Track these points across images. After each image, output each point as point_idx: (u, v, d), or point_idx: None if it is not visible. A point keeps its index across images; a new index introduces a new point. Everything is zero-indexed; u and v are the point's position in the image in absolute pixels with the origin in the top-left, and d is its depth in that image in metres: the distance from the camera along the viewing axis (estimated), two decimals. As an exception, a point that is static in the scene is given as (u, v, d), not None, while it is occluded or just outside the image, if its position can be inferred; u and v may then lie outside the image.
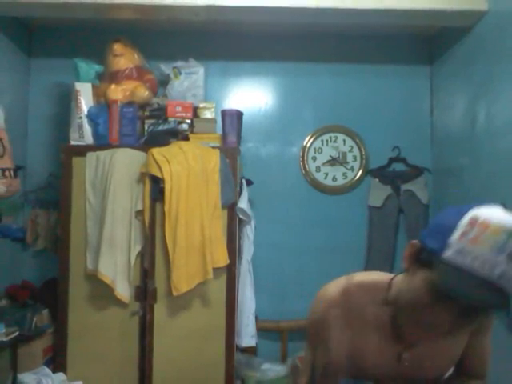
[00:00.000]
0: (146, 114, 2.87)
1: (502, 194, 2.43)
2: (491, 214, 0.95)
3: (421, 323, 1.05)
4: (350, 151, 3.36)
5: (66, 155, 2.71)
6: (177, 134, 2.77)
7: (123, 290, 2.61)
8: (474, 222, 0.94)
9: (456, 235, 0.95)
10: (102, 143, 2.73)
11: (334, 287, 1.23)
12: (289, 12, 2.69)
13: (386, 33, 3.28)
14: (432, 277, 0.98)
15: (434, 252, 0.98)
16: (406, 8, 2.63)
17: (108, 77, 2.86)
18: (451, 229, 0.96)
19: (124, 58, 2.85)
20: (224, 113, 2.84)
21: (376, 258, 3.20)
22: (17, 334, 2.51)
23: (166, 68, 3.05)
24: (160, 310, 2.65)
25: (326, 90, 3.36)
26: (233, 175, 2.70)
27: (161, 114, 2.85)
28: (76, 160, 2.69)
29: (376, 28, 3.15)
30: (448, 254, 0.95)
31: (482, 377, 1.35)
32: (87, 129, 2.74)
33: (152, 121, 2.84)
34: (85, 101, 2.75)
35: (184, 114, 2.84)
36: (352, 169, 3.35)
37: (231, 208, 2.71)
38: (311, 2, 2.62)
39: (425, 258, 1.02)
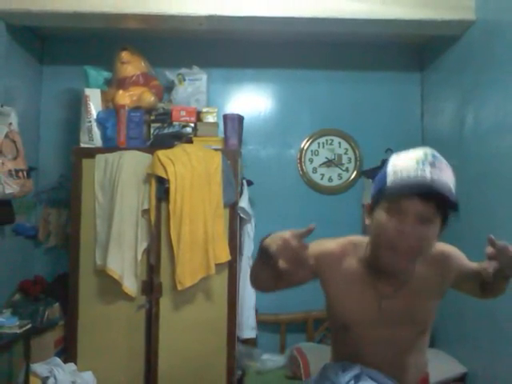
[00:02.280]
0: (152, 118, 2.87)
1: (489, 194, 2.43)
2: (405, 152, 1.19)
3: (390, 249, 1.16)
4: (345, 153, 3.36)
5: (76, 157, 2.71)
6: (181, 137, 2.77)
7: (130, 285, 2.61)
8: (396, 158, 1.19)
9: (389, 169, 1.18)
10: (110, 146, 2.73)
11: (332, 241, 1.37)
12: (286, 22, 2.69)
13: (379, 41, 3.28)
14: (383, 204, 1.17)
15: (379, 191, 1.19)
16: (398, 18, 2.64)
17: (116, 83, 2.86)
18: (383, 173, 1.19)
19: (131, 65, 2.85)
20: (226, 117, 2.84)
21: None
22: (29, 326, 2.51)
23: (170, 75, 3.05)
24: (165, 304, 2.65)
25: (322, 95, 3.35)
26: (234, 176, 2.70)
27: (166, 118, 2.85)
28: (86, 162, 2.69)
29: (369, 37, 3.15)
30: (389, 180, 1.16)
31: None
32: (96, 132, 2.74)
33: (157, 124, 2.84)
34: (94, 106, 2.75)
35: (188, 118, 2.84)
36: (347, 170, 3.35)
37: (232, 207, 2.71)
38: (307, 12, 2.62)
39: (375, 201, 1.20)
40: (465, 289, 1.38)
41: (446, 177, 1.15)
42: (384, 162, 1.24)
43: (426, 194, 1.12)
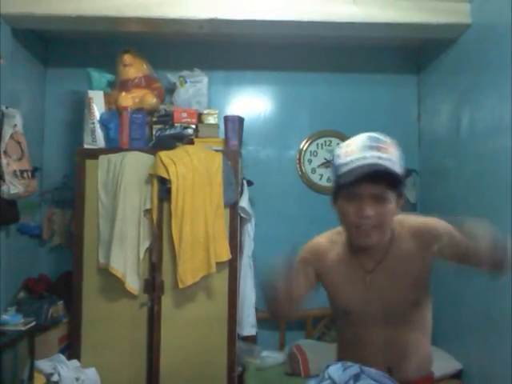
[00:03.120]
0: (154, 119, 2.87)
1: (485, 193, 2.43)
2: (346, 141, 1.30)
3: (356, 229, 1.26)
4: (343, 154, 3.35)
5: (79, 158, 2.71)
6: (182, 139, 2.77)
7: (133, 283, 2.61)
8: (342, 147, 1.30)
9: (336, 161, 1.29)
10: (113, 147, 2.73)
11: (321, 235, 1.50)
12: (285, 25, 2.70)
13: (377, 44, 3.28)
14: (341, 192, 1.27)
15: (335, 181, 1.30)
16: (395, 21, 2.64)
17: (119, 85, 2.86)
18: (333, 165, 1.31)
19: (133, 67, 2.85)
20: (226, 118, 2.84)
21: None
22: (34, 323, 2.51)
23: (172, 77, 3.05)
24: (167, 302, 2.65)
25: (320, 97, 3.36)
26: (234, 176, 2.70)
27: (168, 119, 2.85)
28: (89, 162, 2.69)
29: (367, 40, 3.15)
30: (339, 171, 1.26)
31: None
32: (99, 133, 2.74)
33: (159, 126, 2.84)
34: (97, 107, 2.75)
35: (189, 120, 2.83)
36: (345, 170, 3.35)
37: (233, 207, 2.71)
38: (306, 16, 2.63)
39: (335, 191, 1.31)
40: (448, 255, 1.31)
41: (388, 155, 1.22)
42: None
43: (373, 175, 1.19)
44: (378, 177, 1.20)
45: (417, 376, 1.38)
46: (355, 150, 1.23)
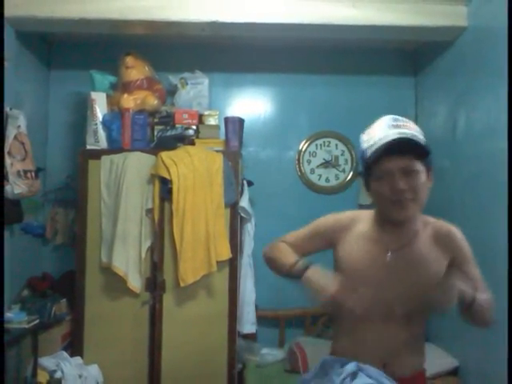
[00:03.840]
0: (156, 120, 2.87)
1: (480, 193, 2.43)
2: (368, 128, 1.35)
3: (392, 205, 1.27)
4: (342, 155, 3.36)
5: (82, 158, 2.71)
6: (183, 139, 2.77)
7: (135, 282, 2.61)
8: (366, 134, 1.34)
9: (363, 145, 1.32)
10: (115, 147, 2.73)
11: (346, 211, 1.50)
12: (285, 28, 2.69)
13: (374, 47, 3.28)
14: (372, 175, 1.30)
15: (364, 165, 1.32)
16: (393, 24, 2.64)
17: (121, 87, 2.86)
18: (361, 151, 1.35)
19: (135, 69, 2.85)
20: (227, 120, 2.84)
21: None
22: (37, 321, 2.51)
23: (173, 79, 3.05)
24: (168, 300, 2.66)
25: (319, 99, 3.36)
26: (235, 177, 2.70)
27: (169, 120, 2.85)
28: (92, 163, 2.69)
29: (365, 42, 3.15)
30: (367, 153, 1.29)
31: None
32: (102, 134, 2.74)
33: (161, 127, 2.84)
34: (100, 109, 2.75)
35: (190, 121, 2.84)
36: (343, 171, 3.35)
37: (233, 207, 2.71)
38: (305, 19, 2.63)
39: (366, 177, 1.34)
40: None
41: (411, 130, 1.27)
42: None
43: (399, 149, 1.23)
44: (404, 149, 1.23)
45: (410, 373, 1.36)
46: (378, 132, 1.28)
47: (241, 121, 2.87)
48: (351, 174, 3.33)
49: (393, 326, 1.33)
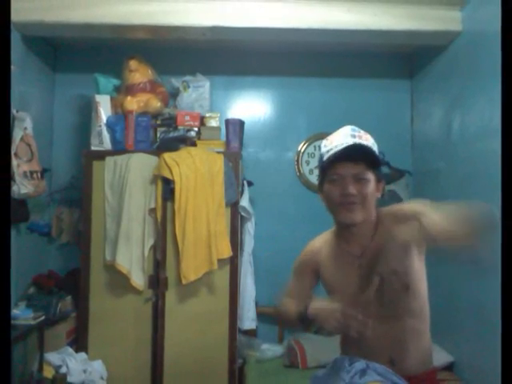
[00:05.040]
0: (158, 122, 2.86)
1: (474, 193, 2.43)
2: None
3: (341, 208, 1.33)
4: (340, 156, 3.35)
5: (87, 159, 2.71)
6: (185, 141, 2.77)
7: (138, 279, 2.61)
8: (327, 138, 1.37)
9: (322, 150, 1.36)
10: (119, 148, 2.73)
11: (315, 238, 1.57)
12: (284, 32, 2.69)
13: (371, 51, 3.28)
14: (326, 178, 1.36)
15: (320, 168, 1.38)
16: (388, 29, 2.64)
17: (124, 90, 2.86)
18: (319, 156, 1.40)
19: (139, 73, 2.85)
20: (227, 122, 2.84)
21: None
22: (43, 318, 2.51)
23: (176, 82, 3.04)
24: (171, 297, 2.65)
25: (318, 101, 3.35)
26: (235, 177, 2.70)
27: (171, 122, 2.85)
28: (96, 163, 2.69)
29: (362, 46, 3.15)
30: (324, 157, 1.33)
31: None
32: (106, 136, 2.74)
33: (163, 129, 2.84)
34: (104, 111, 2.75)
35: (192, 123, 2.83)
36: (341, 171, 3.35)
37: (234, 206, 2.71)
38: (304, 23, 2.63)
39: (321, 179, 1.39)
40: (428, 235, 1.24)
41: (366, 141, 1.31)
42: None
43: (353, 156, 1.28)
44: (357, 157, 1.29)
45: (420, 371, 1.36)
46: (337, 138, 1.33)
47: (241, 123, 2.87)
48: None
49: (391, 318, 1.33)
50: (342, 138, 1.32)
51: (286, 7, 2.63)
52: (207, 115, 2.91)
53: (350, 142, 1.29)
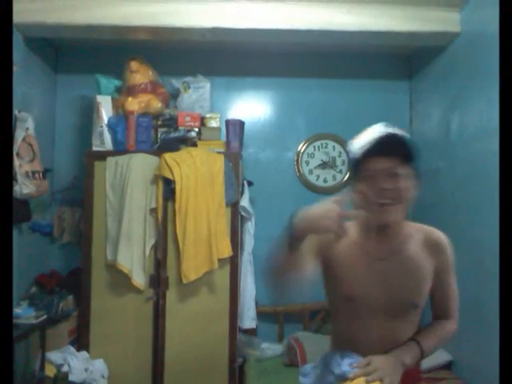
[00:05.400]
0: (159, 123, 2.86)
1: (473, 193, 2.43)
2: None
3: (376, 207, 1.21)
4: (339, 156, 3.35)
5: (88, 159, 2.70)
6: (186, 141, 2.77)
7: (139, 279, 2.61)
8: (358, 136, 1.28)
9: (353, 148, 1.27)
10: (120, 149, 2.73)
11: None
12: (283, 33, 2.69)
13: (370, 52, 3.28)
14: (359, 176, 1.25)
15: (352, 167, 1.28)
16: (388, 30, 2.64)
17: (125, 90, 2.86)
18: (351, 155, 1.30)
19: (140, 73, 2.85)
20: (228, 122, 2.84)
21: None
22: (45, 317, 2.51)
23: (176, 83, 3.04)
24: (171, 296, 2.65)
25: (317, 102, 3.35)
26: (235, 177, 2.70)
27: (172, 123, 2.84)
28: (97, 164, 2.69)
29: (361, 48, 3.15)
30: (356, 154, 1.25)
31: (452, 317, 1.39)
32: (107, 136, 2.74)
33: (164, 129, 2.83)
34: (105, 112, 2.75)
35: (192, 124, 2.83)
36: (341, 171, 3.35)
37: (234, 206, 2.71)
38: (303, 25, 2.63)
39: (353, 178, 1.28)
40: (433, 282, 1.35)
41: (400, 134, 1.23)
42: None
43: (386, 149, 1.19)
44: (392, 151, 1.20)
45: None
46: (368, 135, 1.24)
47: (241, 123, 2.87)
48: (348, 174, 3.32)
49: (390, 325, 1.31)
50: (373, 133, 1.24)
51: (286, 9, 2.62)
52: (207, 116, 2.91)
53: (382, 136, 1.22)
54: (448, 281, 1.35)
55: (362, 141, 1.25)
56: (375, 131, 1.25)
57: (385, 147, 1.20)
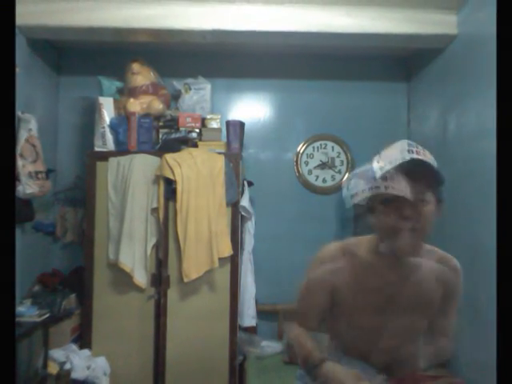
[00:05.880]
0: (161, 124, 2.86)
1: (470, 194, 2.43)
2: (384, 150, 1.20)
3: (395, 234, 1.14)
4: (338, 157, 3.35)
5: (90, 160, 2.70)
6: (187, 142, 2.77)
7: (140, 277, 2.61)
8: (380, 154, 1.19)
9: (375, 165, 1.17)
10: (122, 149, 2.73)
11: (332, 245, 1.32)
12: (283, 36, 2.69)
13: (369, 54, 3.28)
14: (377, 197, 1.16)
15: (371, 187, 1.16)
16: (386, 32, 2.64)
17: (127, 92, 2.86)
18: (370, 171, 1.19)
19: (141, 75, 2.85)
20: (228, 123, 2.84)
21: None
22: (48, 315, 2.51)
23: (177, 84, 3.04)
24: (172, 295, 2.65)
25: (316, 103, 3.35)
26: (236, 177, 2.70)
27: (173, 124, 2.85)
28: (99, 164, 2.69)
29: (359, 50, 3.15)
30: (377, 174, 1.14)
31: (445, 335, 1.38)
32: (109, 137, 2.74)
33: (165, 130, 2.84)
34: (107, 113, 2.75)
35: (193, 125, 2.83)
36: (339, 172, 3.35)
37: (234, 206, 2.71)
38: (302, 27, 2.63)
39: (370, 198, 1.18)
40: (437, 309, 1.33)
41: (426, 158, 1.15)
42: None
43: (411, 173, 1.11)
44: (416, 176, 1.11)
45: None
46: (392, 154, 1.15)
47: (241, 124, 2.87)
48: (347, 174, 3.32)
49: (389, 340, 1.30)
50: (397, 153, 1.15)
51: (286, 11, 2.62)
52: (208, 117, 2.91)
53: (408, 157, 1.12)
54: (452, 306, 1.33)
55: (384, 159, 1.16)
56: (398, 149, 1.15)
57: (410, 173, 1.11)
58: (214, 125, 2.90)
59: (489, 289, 2.11)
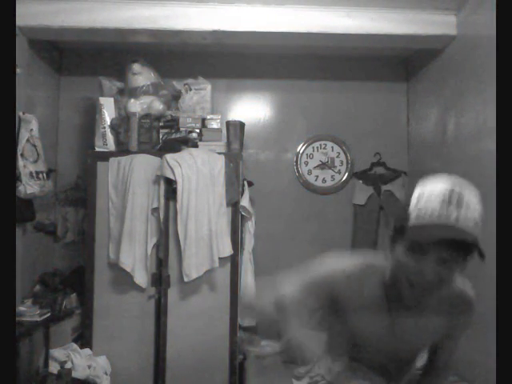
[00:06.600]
0: (161, 124, 2.86)
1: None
2: (431, 184, 1.09)
3: (408, 284, 1.08)
4: (337, 157, 3.35)
5: (91, 160, 2.70)
6: (187, 142, 2.76)
7: (141, 277, 2.60)
8: (421, 194, 1.08)
9: (413, 204, 1.07)
10: (122, 150, 2.73)
11: (348, 261, 1.26)
12: (283, 36, 2.69)
13: (368, 54, 3.27)
14: (404, 238, 1.08)
15: (401, 226, 1.09)
16: (385, 33, 2.64)
17: (128, 92, 2.85)
18: (411, 205, 1.09)
19: (142, 76, 2.84)
20: (228, 123, 2.84)
21: (360, 249, 3.19)
22: (49, 314, 2.50)
23: (178, 85, 3.04)
24: (173, 294, 2.65)
25: (316, 103, 3.35)
26: (236, 177, 2.70)
27: (173, 124, 2.84)
28: (100, 164, 2.69)
29: (359, 50, 3.15)
30: (412, 217, 1.05)
31: (445, 369, 1.39)
32: (110, 137, 2.74)
33: (166, 130, 2.83)
34: (108, 113, 2.74)
35: (194, 125, 2.83)
36: (339, 172, 3.35)
37: (234, 206, 2.71)
38: (302, 28, 2.62)
39: (397, 233, 1.11)
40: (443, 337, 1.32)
41: (470, 215, 1.04)
42: (373, 165, 1.20)
43: (447, 237, 1.02)
44: (454, 241, 1.02)
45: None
46: (436, 203, 1.04)
47: (241, 124, 2.86)
48: (346, 175, 3.32)
49: (399, 356, 1.31)
50: (441, 205, 1.03)
51: (286, 12, 2.62)
52: (208, 117, 2.90)
53: (450, 218, 1.01)
54: (457, 337, 1.33)
55: (423, 203, 1.06)
56: (440, 199, 1.04)
57: (451, 236, 1.02)
58: (214, 125, 2.89)
59: (489, 288, 2.10)
